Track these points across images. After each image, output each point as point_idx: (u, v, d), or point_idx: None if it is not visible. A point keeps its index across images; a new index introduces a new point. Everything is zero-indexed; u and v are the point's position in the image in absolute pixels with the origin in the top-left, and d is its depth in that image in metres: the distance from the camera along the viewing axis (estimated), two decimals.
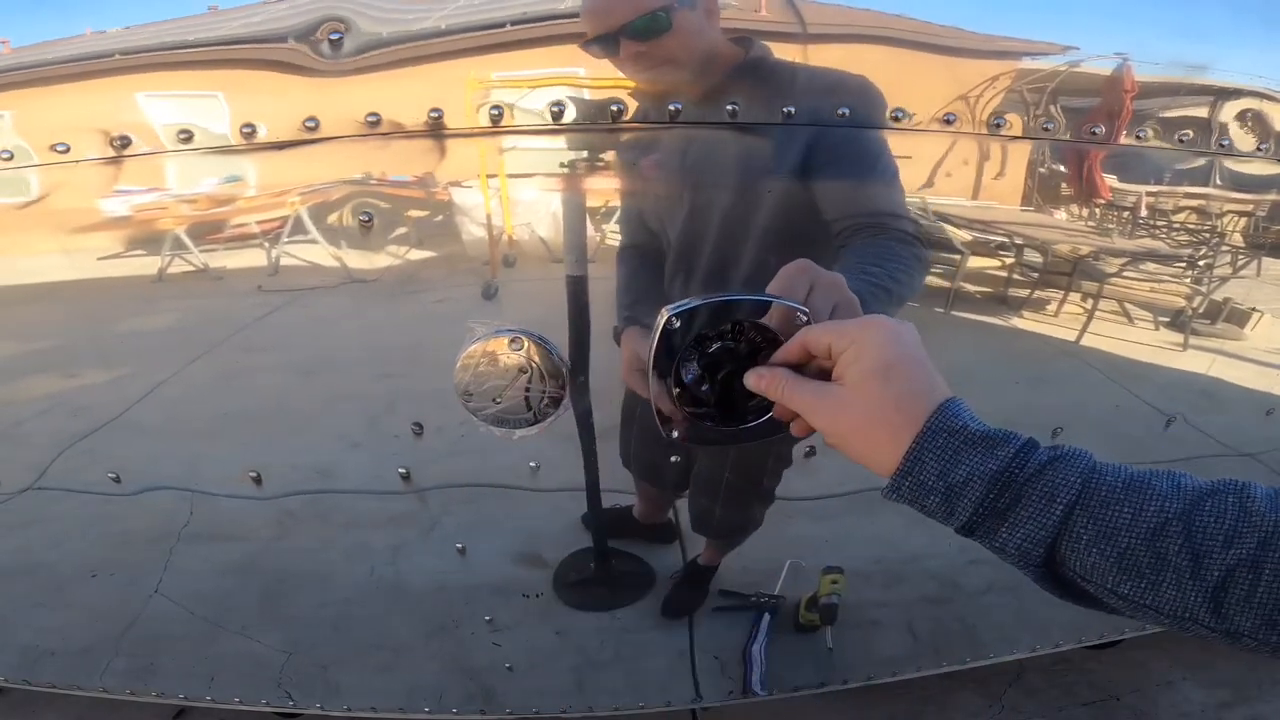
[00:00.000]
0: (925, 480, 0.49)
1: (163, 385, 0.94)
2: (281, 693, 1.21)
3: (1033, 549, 0.47)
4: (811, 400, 0.54)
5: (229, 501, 1.04)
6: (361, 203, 0.84)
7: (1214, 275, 1.09)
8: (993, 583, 1.24)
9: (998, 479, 0.47)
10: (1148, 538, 0.44)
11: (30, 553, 1.12)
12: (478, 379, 0.88)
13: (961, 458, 0.48)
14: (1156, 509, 0.44)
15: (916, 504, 0.50)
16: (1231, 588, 0.42)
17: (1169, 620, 0.45)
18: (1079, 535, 0.45)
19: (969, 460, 0.48)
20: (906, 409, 0.50)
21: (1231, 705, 1.61)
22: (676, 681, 1.24)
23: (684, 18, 0.77)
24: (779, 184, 0.84)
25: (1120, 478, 0.46)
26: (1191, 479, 0.46)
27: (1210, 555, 0.43)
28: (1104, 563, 0.45)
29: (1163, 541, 0.44)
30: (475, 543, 1.09)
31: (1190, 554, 0.43)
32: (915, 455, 0.49)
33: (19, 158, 0.80)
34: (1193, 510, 0.44)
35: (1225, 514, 0.43)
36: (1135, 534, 0.44)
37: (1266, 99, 0.94)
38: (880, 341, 0.52)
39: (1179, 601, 0.43)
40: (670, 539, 1.15)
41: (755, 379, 0.59)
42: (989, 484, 0.47)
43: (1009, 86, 0.85)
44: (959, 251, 0.95)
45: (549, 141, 0.83)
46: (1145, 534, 0.44)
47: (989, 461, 0.48)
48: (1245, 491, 0.44)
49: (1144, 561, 0.44)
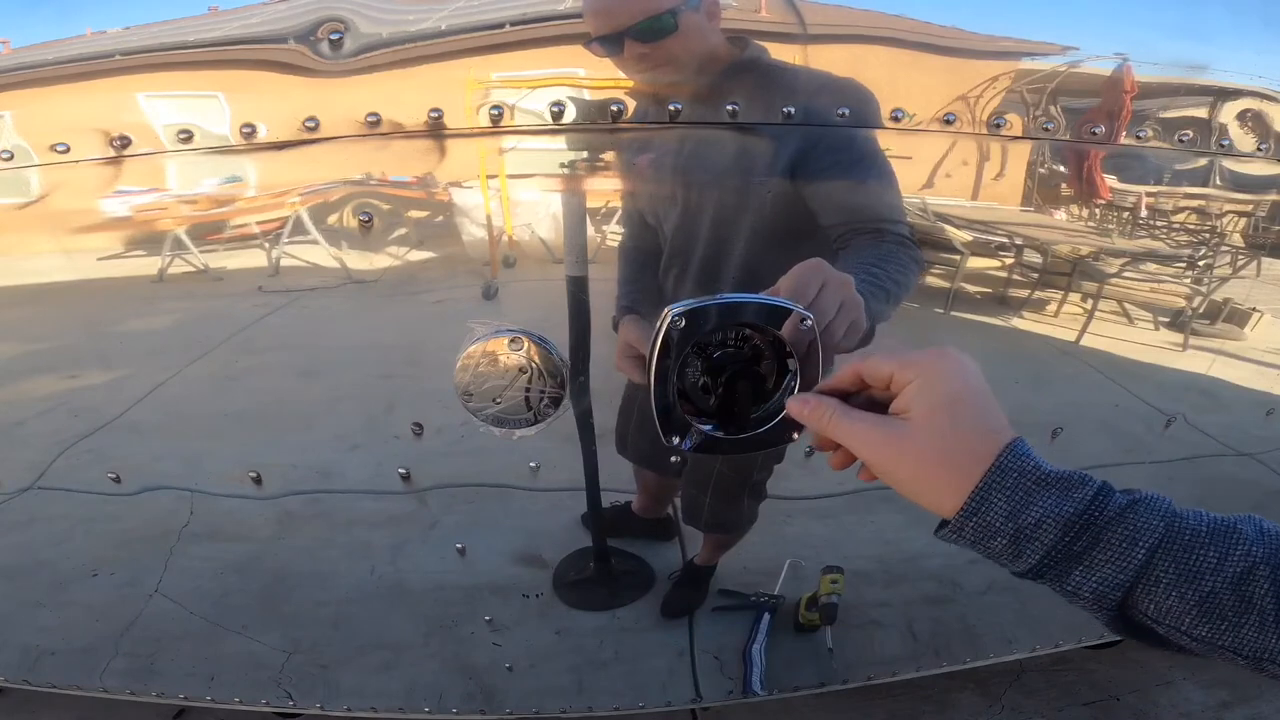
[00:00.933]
0: (992, 522, 0.47)
1: (163, 385, 0.94)
2: (281, 693, 1.21)
3: (1110, 592, 0.46)
4: (867, 433, 0.51)
5: (229, 501, 1.04)
6: (361, 203, 0.84)
7: (1214, 275, 1.09)
8: (992, 583, 1.24)
9: (1075, 522, 0.46)
10: (1234, 582, 0.44)
11: (31, 552, 1.12)
12: (478, 379, 0.88)
13: (1034, 499, 0.46)
14: (1243, 553, 0.44)
15: (979, 546, 0.49)
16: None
17: (1244, 660, 0.45)
18: (1158, 579, 0.45)
19: (1042, 502, 0.46)
20: (974, 447, 0.48)
21: (1231, 705, 1.62)
22: (676, 681, 1.24)
23: (689, 20, 0.77)
24: (772, 184, 0.84)
25: (1204, 522, 0.46)
26: (1274, 524, 0.47)
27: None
28: (1182, 605, 0.45)
29: (1249, 585, 0.44)
30: (475, 543, 1.09)
31: (1276, 597, 0.43)
32: (982, 495, 0.47)
33: (19, 158, 0.80)
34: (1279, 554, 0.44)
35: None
36: (1220, 578, 0.44)
37: (1266, 99, 0.94)
38: (949, 374, 0.50)
39: (1259, 643, 0.44)
40: (669, 536, 1.15)
41: (799, 406, 0.56)
42: (1065, 527, 0.46)
43: (1009, 86, 0.85)
44: (959, 252, 0.95)
45: (549, 141, 0.83)
46: (1231, 578, 0.44)
47: (1064, 504, 0.46)
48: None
49: (1227, 605, 0.44)
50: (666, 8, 0.76)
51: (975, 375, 0.51)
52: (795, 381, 0.64)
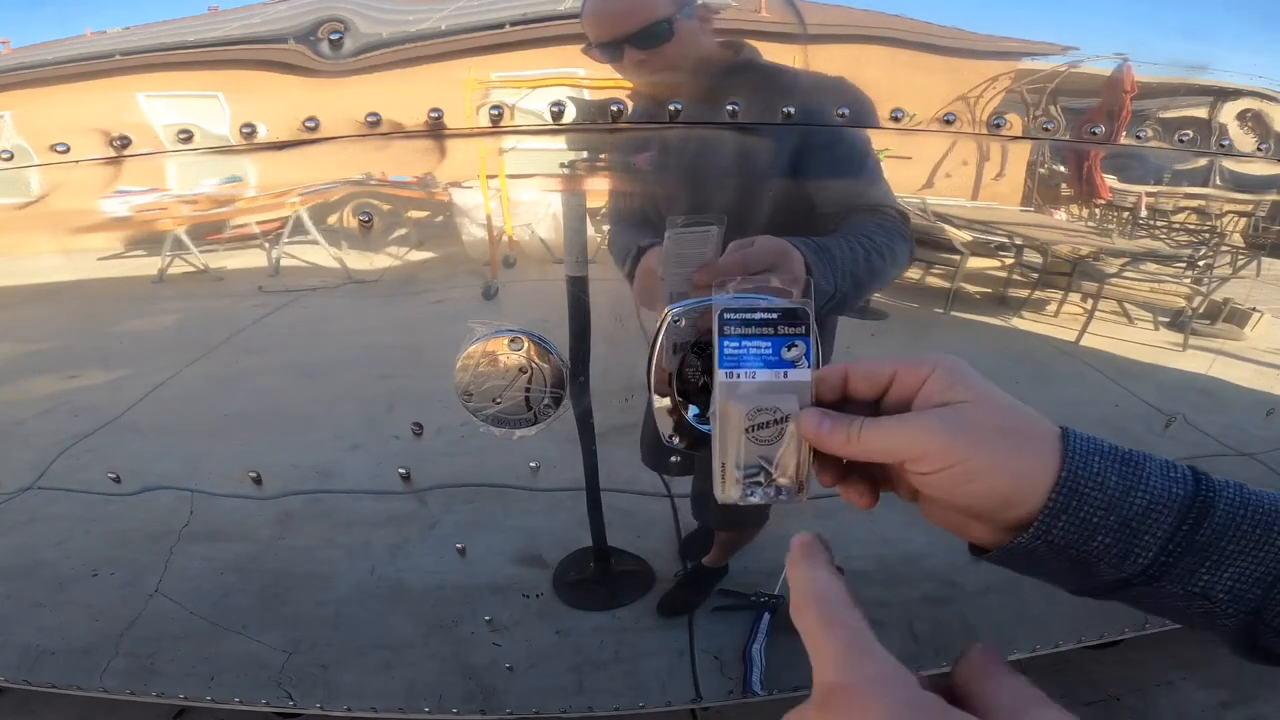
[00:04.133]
0: (1089, 516, 0.39)
1: (163, 385, 0.94)
2: (281, 693, 1.21)
3: (1248, 590, 0.38)
4: (923, 428, 0.41)
5: (229, 501, 1.04)
6: (361, 203, 0.84)
7: (1214, 275, 1.09)
8: (992, 583, 1.24)
9: (1191, 505, 0.38)
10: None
11: (30, 552, 1.12)
12: (478, 379, 0.88)
13: (1134, 482, 0.38)
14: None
15: (1076, 546, 0.40)
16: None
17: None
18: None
19: (1144, 485, 0.38)
20: (1041, 425, 0.41)
21: (1231, 705, 1.62)
22: (676, 681, 1.24)
23: (685, 26, 0.78)
24: (772, 182, 0.85)
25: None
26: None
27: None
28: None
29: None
30: (475, 543, 1.09)
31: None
32: (1069, 486, 0.39)
33: (19, 158, 0.80)
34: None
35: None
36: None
37: (1266, 99, 0.94)
38: (966, 365, 0.43)
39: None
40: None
41: (816, 429, 0.44)
42: (1182, 512, 0.38)
43: (1009, 86, 0.85)
44: (959, 252, 0.95)
45: (549, 142, 0.83)
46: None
47: (1171, 485, 0.38)
48: None
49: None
50: (662, 15, 0.77)
51: None
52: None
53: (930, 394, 0.43)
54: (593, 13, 0.78)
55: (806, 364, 0.48)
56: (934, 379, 0.43)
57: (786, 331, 0.49)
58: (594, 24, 0.78)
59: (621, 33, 0.77)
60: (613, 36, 0.77)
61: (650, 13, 0.77)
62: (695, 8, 0.78)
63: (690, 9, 0.78)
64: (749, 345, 0.49)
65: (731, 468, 0.48)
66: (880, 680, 0.33)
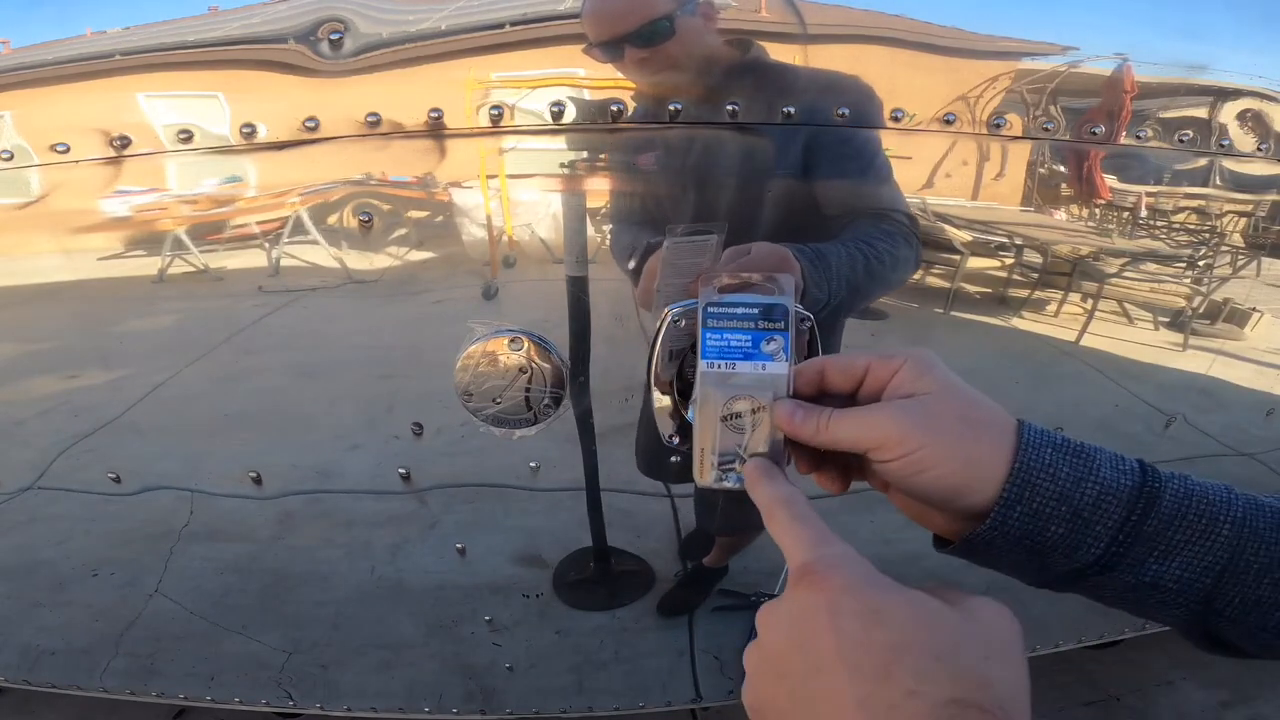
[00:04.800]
0: (1042, 507, 0.41)
1: (163, 385, 0.94)
2: (281, 693, 1.21)
3: (1197, 579, 0.40)
4: (887, 417, 0.43)
5: (229, 501, 1.04)
6: (361, 203, 0.84)
7: (1214, 275, 1.09)
8: (993, 582, 1.24)
9: (1139, 495, 0.40)
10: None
11: (30, 552, 1.12)
12: (478, 379, 0.88)
13: (1084, 473, 0.40)
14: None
15: (1032, 537, 0.42)
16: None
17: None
18: (1248, 565, 0.39)
19: (1094, 476, 0.40)
20: (998, 416, 0.43)
21: (1231, 705, 1.62)
22: (676, 681, 1.24)
23: (686, 23, 0.78)
24: (777, 182, 0.84)
25: (1274, 506, 0.40)
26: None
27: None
28: (1277, 595, 0.39)
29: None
30: (475, 543, 1.09)
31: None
32: (1021, 477, 0.41)
33: (19, 158, 0.80)
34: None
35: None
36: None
37: (1266, 99, 0.94)
38: (937, 359, 0.45)
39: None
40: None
41: (788, 418, 0.47)
42: (1129, 502, 0.40)
43: (1009, 86, 0.85)
44: (959, 251, 0.95)
45: (549, 142, 0.83)
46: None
47: (1120, 476, 0.40)
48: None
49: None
50: (662, 13, 0.77)
51: None
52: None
53: (899, 385, 0.45)
54: (593, 11, 0.78)
55: (785, 358, 0.51)
56: (904, 371, 0.45)
57: (766, 326, 0.51)
58: (594, 23, 0.78)
59: (621, 31, 0.77)
60: (613, 35, 0.77)
61: (650, 10, 0.76)
62: (697, 5, 0.78)
63: (692, 6, 0.78)
64: (730, 338, 0.52)
65: (709, 454, 0.50)
66: (846, 556, 0.39)
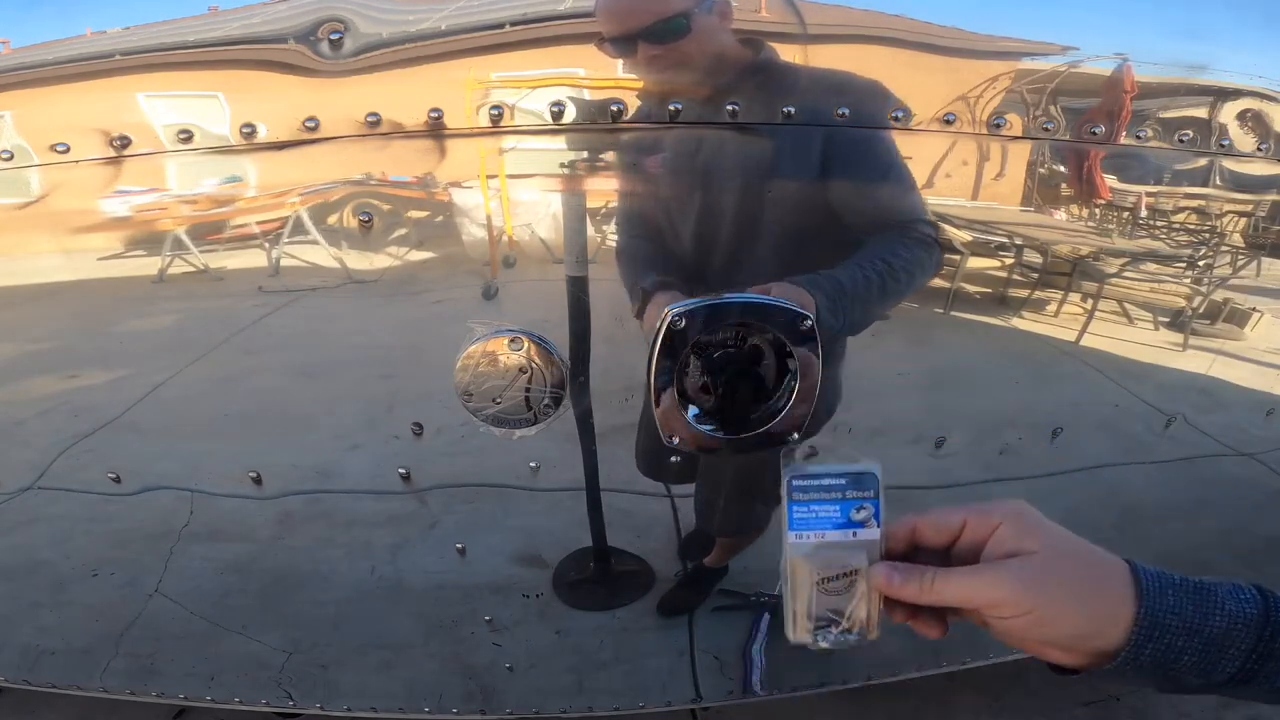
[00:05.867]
0: (1173, 642, 0.44)
1: (163, 385, 0.94)
2: (281, 693, 1.21)
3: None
4: (995, 580, 0.46)
5: (229, 501, 1.04)
6: (361, 203, 0.84)
7: (1214, 275, 1.09)
8: None
9: (1265, 620, 0.44)
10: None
11: (30, 552, 1.12)
12: (478, 379, 0.88)
13: (1209, 608, 0.44)
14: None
15: (1164, 667, 0.45)
16: None
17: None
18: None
19: (1220, 610, 0.44)
20: (1112, 567, 0.46)
21: (1232, 705, 1.61)
22: (676, 681, 1.23)
23: (701, 21, 0.77)
24: (792, 185, 0.84)
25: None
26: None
27: None
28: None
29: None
30: (475, 543, 1.09)
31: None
32: (1149, 620, 0.44)
33: (19, 158, 0.80)
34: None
35: None
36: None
37: (1266, 99, 0.94)
38: (1033, 510, 0.48)
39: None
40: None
41: (887, 581, 0.49)
42: (1258, 628, 0.44)
43: (1009, 86, 0.85)
44: (959, 252, 0.95)
45: (549, 141, 0.83)
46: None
47: (1243, 606, 0.45)
48: None
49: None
50: (679, 10, 0.76)
51: None
52: (795, 382, 0.64)
53: (1001, 542, 0.47)
54: (608, 6, 0.77)
55: (876, 524, 0.51)
56: (1004, 528, 0.47)
57: (855, 495, 0.52)
58: (609, 17, 0.77)
59: (636, 27, 0.76)
60: (627, 30, 0.76)
61: (667, 7, 0.76)
62: (714, 4, 0.77)
63: (709, 4, 0.77)
64: (818, 509, 0.52)
65: (803, 617, 0.52)
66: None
